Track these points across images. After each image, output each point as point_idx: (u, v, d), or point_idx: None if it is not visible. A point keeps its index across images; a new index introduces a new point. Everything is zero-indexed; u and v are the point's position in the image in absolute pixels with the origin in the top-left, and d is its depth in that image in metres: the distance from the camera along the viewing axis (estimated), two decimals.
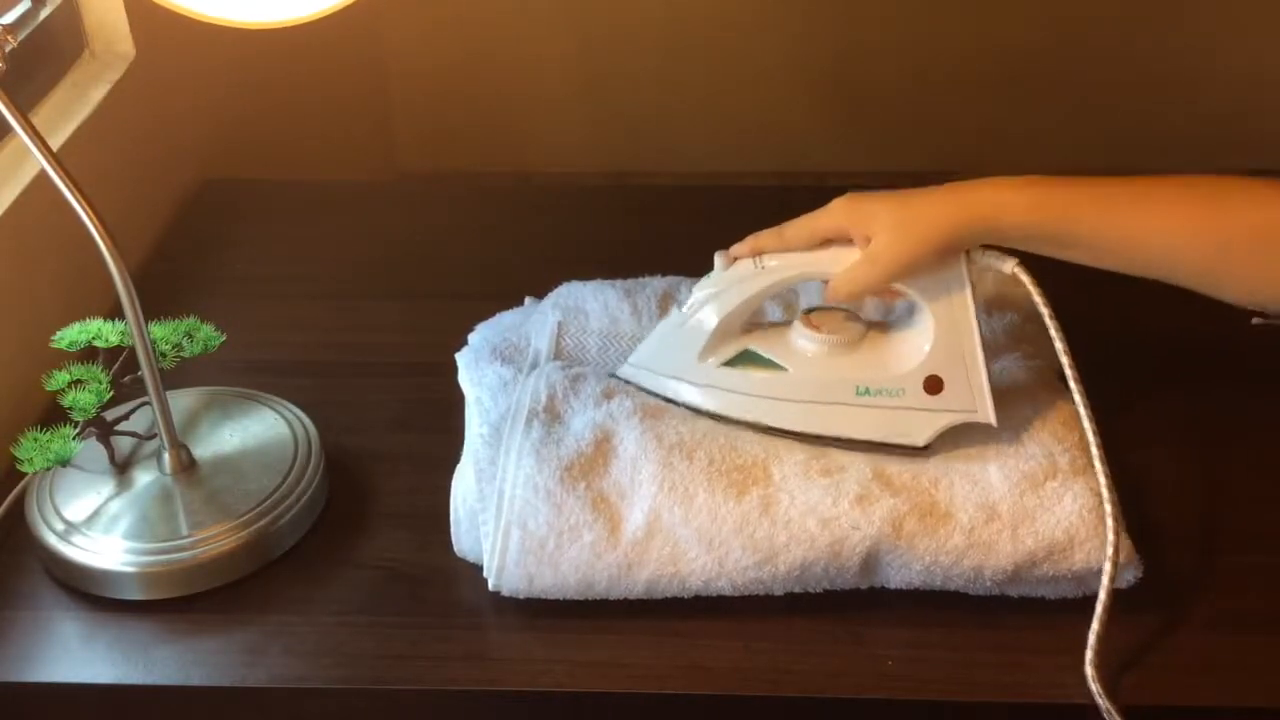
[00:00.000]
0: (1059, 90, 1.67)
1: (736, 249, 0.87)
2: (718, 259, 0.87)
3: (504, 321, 1.00)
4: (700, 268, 0.89)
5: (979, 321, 0.84)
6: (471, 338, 0.99)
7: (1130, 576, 0.80)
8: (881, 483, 0.82)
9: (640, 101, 1.68)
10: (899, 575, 0.81)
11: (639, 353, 0.91)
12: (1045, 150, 1.66)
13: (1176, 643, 0.80)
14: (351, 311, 1.11)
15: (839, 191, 0.85)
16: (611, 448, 0.84)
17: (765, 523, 0.80)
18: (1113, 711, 0.74)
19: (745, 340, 0.88)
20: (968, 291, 0.83)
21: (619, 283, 1.01)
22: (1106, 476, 0.80)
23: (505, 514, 0.81)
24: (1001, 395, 0.88)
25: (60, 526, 0.84)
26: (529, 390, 0.88)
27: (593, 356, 0.95)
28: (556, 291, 1.01)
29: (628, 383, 0.91)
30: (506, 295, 1.04)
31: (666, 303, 0.99)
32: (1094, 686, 0.75)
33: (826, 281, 0.85)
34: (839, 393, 0.85)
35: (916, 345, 0.85)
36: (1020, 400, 0.88)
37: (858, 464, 0.83)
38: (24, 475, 0.86)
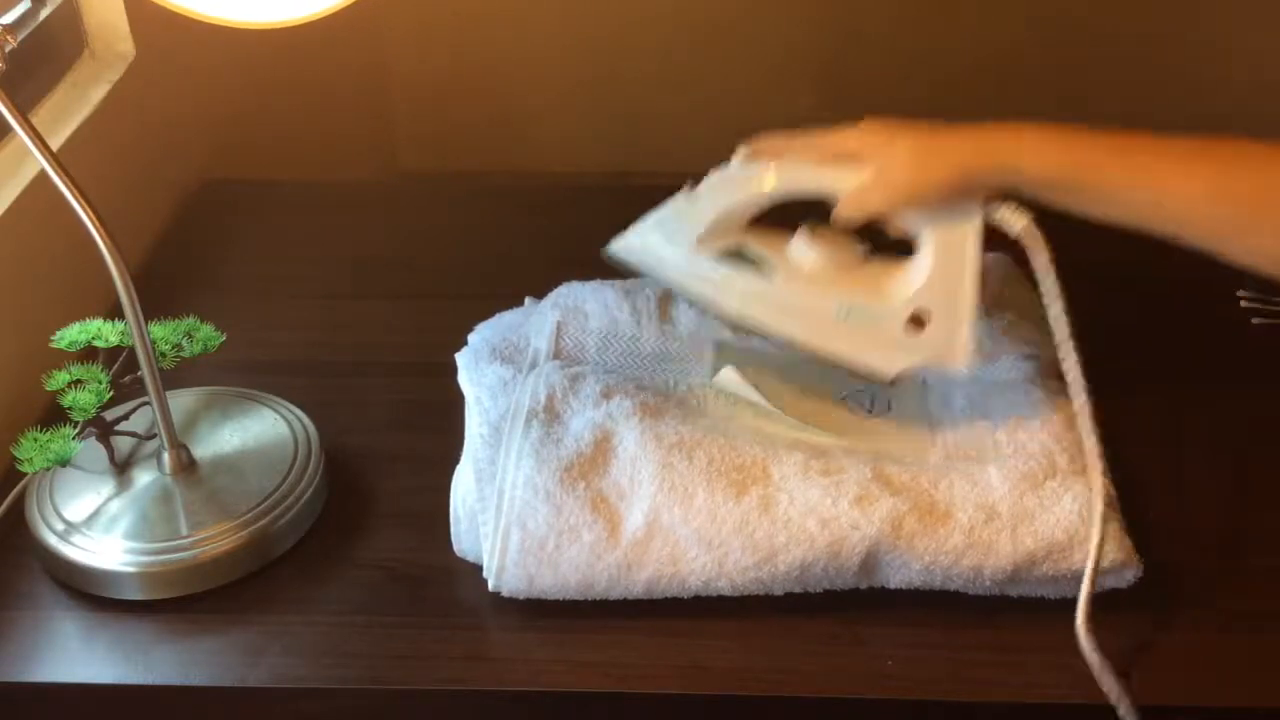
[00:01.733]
0: (1058, 90, 1.67)
1: (757, 145, 0.86)
2: (739, 151, 0.86)
3: (504, 321, 1.00)
4: None
5: (980, 270, 0.82)
6: (471, 338, 0.99)
7: (1130, 575, 0.80)
8: (881, 483, 0.82)
9: (640, 101, 1.68)
10: (899, 575, 0.81)
11: (637, 228, 0.90)
12: None
13: (1173, 641, 0.80)
14: (351, 311, 1.11)
15: None
16: (611, 448, 0.84)
17: (765, 522, 0.80)
18: (1106, 666, 0.74)
19: (744, 236, 0.87)
20: (975, 237, 0.81)
21: (618, 283, 1.01)
22: (1102, 472, 0.80)
23: (505, 514, 0.81)
24: (1000, 395, 0.88)
25: (60, 526, 0.84)
26: (528, 390, 0.88)
27: (592, 356, 0.95)
28: (556, 291, 1.01)
29: (620, 260, 0.90)
30: (506, 295, 1.04)
31: (666, 303, 0.99)
32: (1085, 642, 0.76)
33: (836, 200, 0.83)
34: (820, 307, 0.85)
35: (909, 280, 0.84)
36: (1019, 400, 0.88)
37: (858, 464, 0.83)
38: (24, 475, 0.86)
